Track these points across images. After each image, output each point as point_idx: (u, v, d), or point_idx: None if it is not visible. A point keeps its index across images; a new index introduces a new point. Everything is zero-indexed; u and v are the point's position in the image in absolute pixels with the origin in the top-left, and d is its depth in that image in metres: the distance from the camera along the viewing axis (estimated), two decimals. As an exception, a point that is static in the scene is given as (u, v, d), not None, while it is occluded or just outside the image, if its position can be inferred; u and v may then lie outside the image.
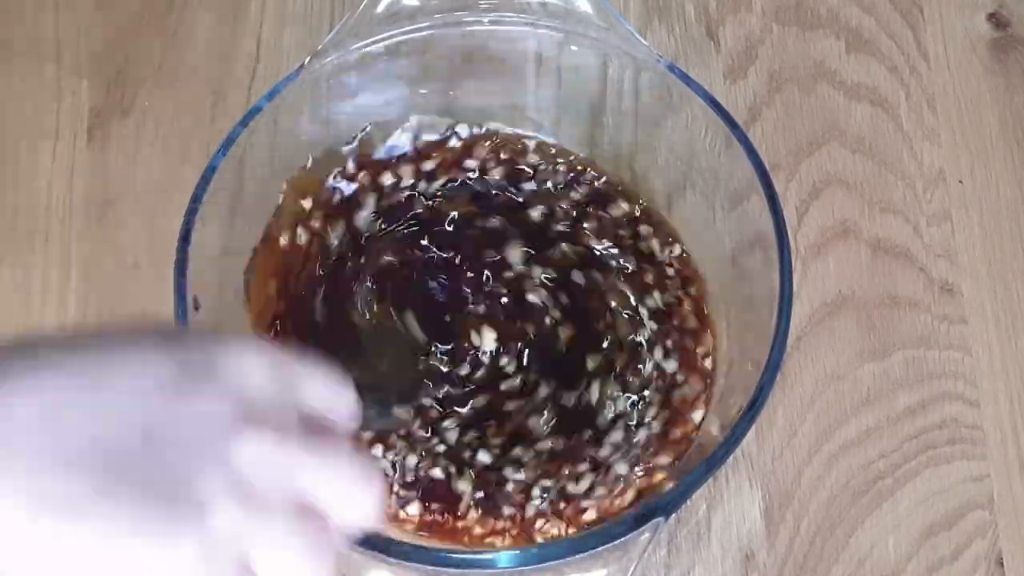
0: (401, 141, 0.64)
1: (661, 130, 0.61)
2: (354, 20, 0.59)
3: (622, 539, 0.48)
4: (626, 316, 0.60)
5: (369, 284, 0.61)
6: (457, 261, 0.61)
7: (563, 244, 0.62)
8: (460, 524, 0.56)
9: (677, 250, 0.62)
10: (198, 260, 0.53)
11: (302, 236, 0.61)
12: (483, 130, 0.64)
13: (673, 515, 0.52)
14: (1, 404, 0.32)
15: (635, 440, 0.57)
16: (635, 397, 0.58)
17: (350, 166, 0.63)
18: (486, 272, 0.61)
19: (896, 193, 0.70)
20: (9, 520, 0.31)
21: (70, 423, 0.33)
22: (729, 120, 0.57)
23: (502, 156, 0.64)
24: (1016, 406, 0.65)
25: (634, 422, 0.58)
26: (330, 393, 0.39)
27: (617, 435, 0.58)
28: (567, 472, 0.57)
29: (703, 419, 0.58)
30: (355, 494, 0.37)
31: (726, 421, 0.53)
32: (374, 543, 0.46)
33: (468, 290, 0.61)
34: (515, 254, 0.61)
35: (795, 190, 0.70)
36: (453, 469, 0.57)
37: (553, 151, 0.64)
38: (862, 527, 0.62)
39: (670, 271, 0.62)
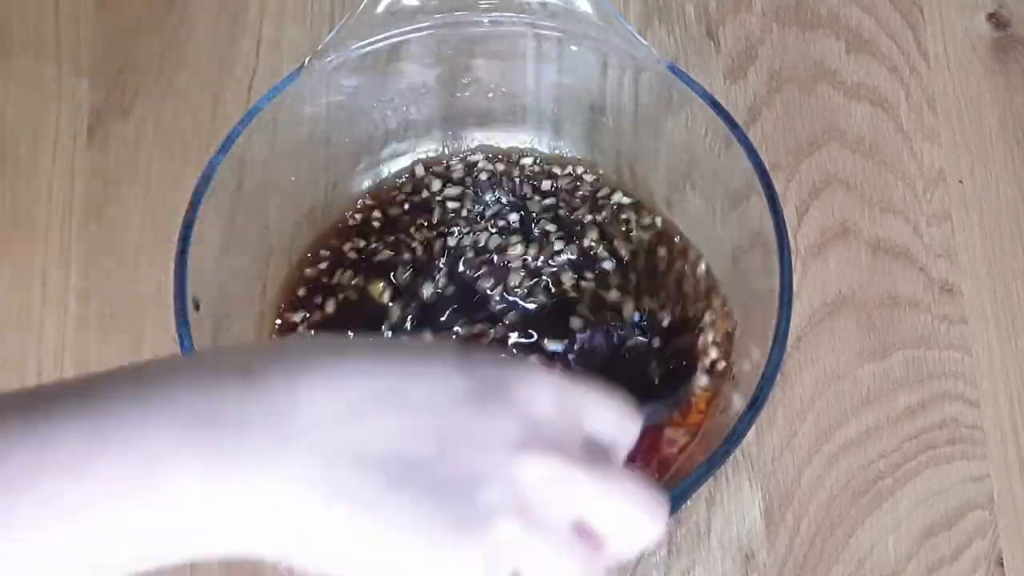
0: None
1: (661, 130, 0.61)
2: (354, 20, 0.59)
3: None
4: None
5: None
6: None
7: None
8: None
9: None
10: (198, 260, 0.53)
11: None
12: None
13: (673, 515, 0.52)
14: (309, 398, 0.35)
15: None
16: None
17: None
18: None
19: (896, 193, 0.70)
20: (307, 503, 0.34)
21: (369, 424, 0.35)
22: (729, 120, 0.57)
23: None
24: (1016, 406, 0.65)
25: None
26: (618, 421, 0.40)
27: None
28: None
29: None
30: (638, 521, 0.38)
31: (727, 420, 0.53)
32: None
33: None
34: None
35: (795, 190, 0.70)
36: None
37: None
38: (862, 527, 0.62)
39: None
